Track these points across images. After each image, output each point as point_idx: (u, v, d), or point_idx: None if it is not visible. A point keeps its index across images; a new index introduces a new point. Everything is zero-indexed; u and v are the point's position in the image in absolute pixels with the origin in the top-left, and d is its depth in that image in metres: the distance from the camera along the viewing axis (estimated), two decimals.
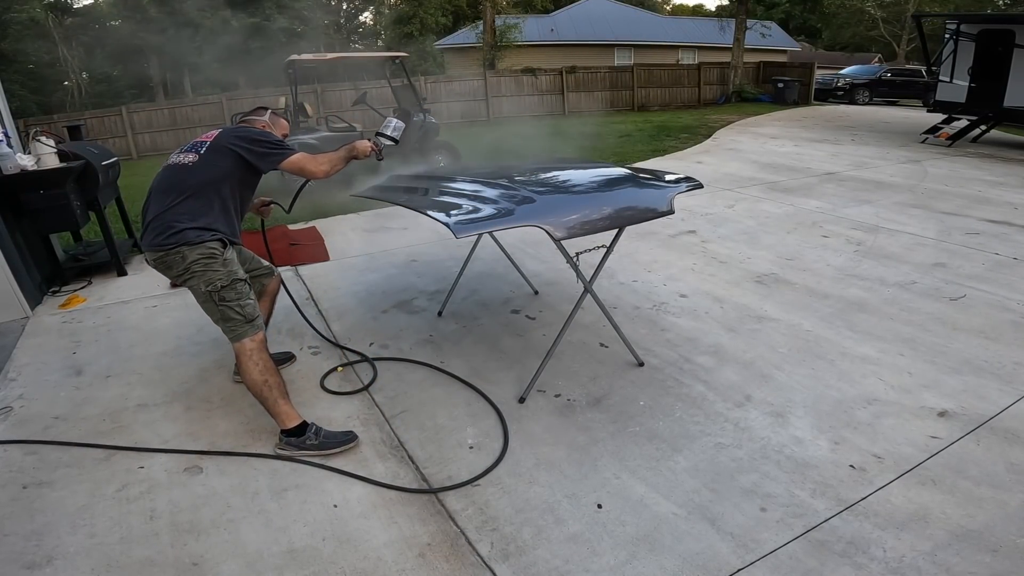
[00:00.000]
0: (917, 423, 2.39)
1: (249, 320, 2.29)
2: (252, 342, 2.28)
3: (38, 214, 4.00)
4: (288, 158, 2.36)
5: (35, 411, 2.69)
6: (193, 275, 2.24)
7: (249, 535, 1.93)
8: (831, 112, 15.37)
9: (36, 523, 2.00)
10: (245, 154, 2.31)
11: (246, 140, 2.34)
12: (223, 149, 2.31)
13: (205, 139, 2.37)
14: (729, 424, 2.42)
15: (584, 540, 1.86)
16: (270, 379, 2.28)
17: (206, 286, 2.24)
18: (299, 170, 2.37)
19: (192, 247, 2.22)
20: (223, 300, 2.26)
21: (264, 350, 2.31)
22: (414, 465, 2.25)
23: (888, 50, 32.65)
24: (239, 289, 2.30)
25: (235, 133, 2.37)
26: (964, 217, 5.31)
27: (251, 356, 2.27)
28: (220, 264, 2.27)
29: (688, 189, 2.93)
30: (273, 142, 2.39)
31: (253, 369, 2.27)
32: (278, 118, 2.70)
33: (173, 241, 2.21)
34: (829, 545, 1.80)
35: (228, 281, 2.27)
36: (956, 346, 3.00)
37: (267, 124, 2.61)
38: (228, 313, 2.27)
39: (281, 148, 2.39)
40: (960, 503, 1.96)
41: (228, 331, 2.30)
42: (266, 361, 2.30)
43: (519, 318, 3.49)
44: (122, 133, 13.96)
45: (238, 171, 2.34)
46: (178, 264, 2.24)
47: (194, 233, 2.23)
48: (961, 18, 10.15)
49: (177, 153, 2.37)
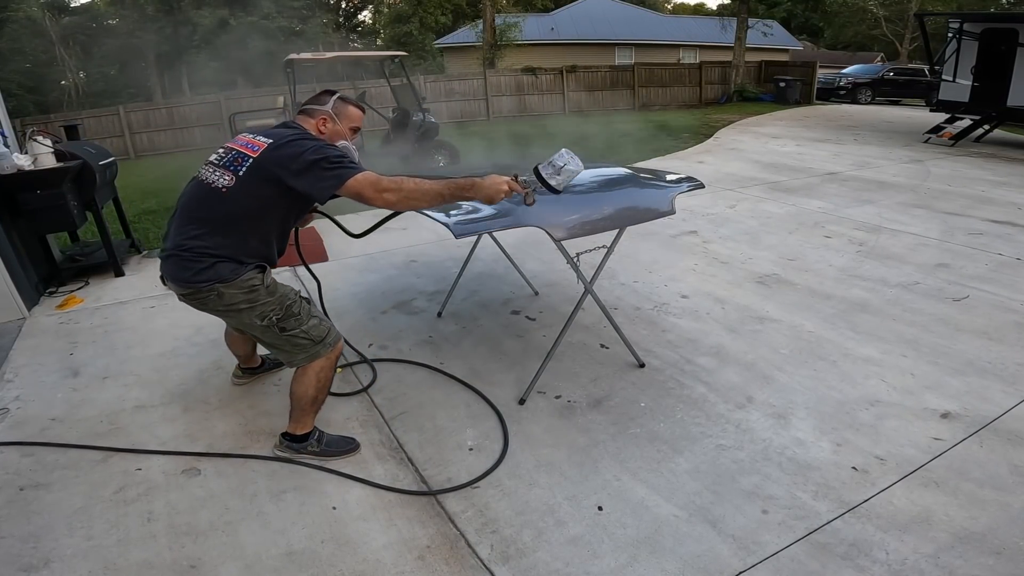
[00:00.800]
0: (920, 425, 2.39)
1: (318, 341, 2.08)
2: (326, 360, 2.11)
3: (35, 214, 4.00)
4: (346, 181, 1.84)
5: (32, 412, 2.69)
6: (240, 312, 2.01)
7: (247, 537, 1.93)
8: (833, 112, 15.38)
9: (33, 525, 2.00)
10: (290, 181, 1.88)
11: (291, 163, 1.88)
12: (266, 174, 1.91)
13: (248, 152, 1.94)
14: (730, 425, 2.42)
15: (585, 542, 1.86)
16: (320, 396, 2.18)
17: (261, 321, 2.02)
18: (356, 198, 1.87)
19: (227, 284, 1.94)
20: (284, 331, 2.04)
21: (334, 367, 2.15)
22: (413, 467, 2.25)
23: (891, 49, 32.67)
24: (295, 312, 2.06)
25: (281, 152, 1.91)
26: (967, 217, 5.31)
27: (317, 373, 2.10)
28: (265, 294, 2.01)
29: (689, 189, 2.93)
30: (323, 162, 1.87)
31: (312, 385, 2.12)
32: (346, 105, 2.17)
33: (204, 279, 1.93)
34: (831, 547, 1.80)
35: (282, 311, 2.03)
36: (959, 347, 3.00)
37: (328, 116, 2.11)
38: (295, 342, 2.06)
39: (335, 168, 1.87)
40: (963, 505, 1.96)
41: (297, 355, 2.08)
42: (328, 380, 2.16)
43: (519, 319, 3.50)
44: (119, 133, 13.98)
45: (285, 197, 1.94)
46: (214, 302, 1.98)
47: (228, 268, 1.93)
48: (964, 17, 10.16)
49: (213, 167, 1.99)
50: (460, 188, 1.90)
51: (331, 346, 2.12)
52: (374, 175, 1.86)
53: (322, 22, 29.87)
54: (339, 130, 2.14)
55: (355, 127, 2.20)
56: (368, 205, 1.90)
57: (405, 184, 1.87)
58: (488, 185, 1.91)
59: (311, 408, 2.21)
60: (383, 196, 1.85)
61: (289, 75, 7.74)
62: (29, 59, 23.22)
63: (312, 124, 2.10)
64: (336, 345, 2.15)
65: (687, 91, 18.59)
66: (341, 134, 2.15)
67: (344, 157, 1.93)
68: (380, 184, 1.85)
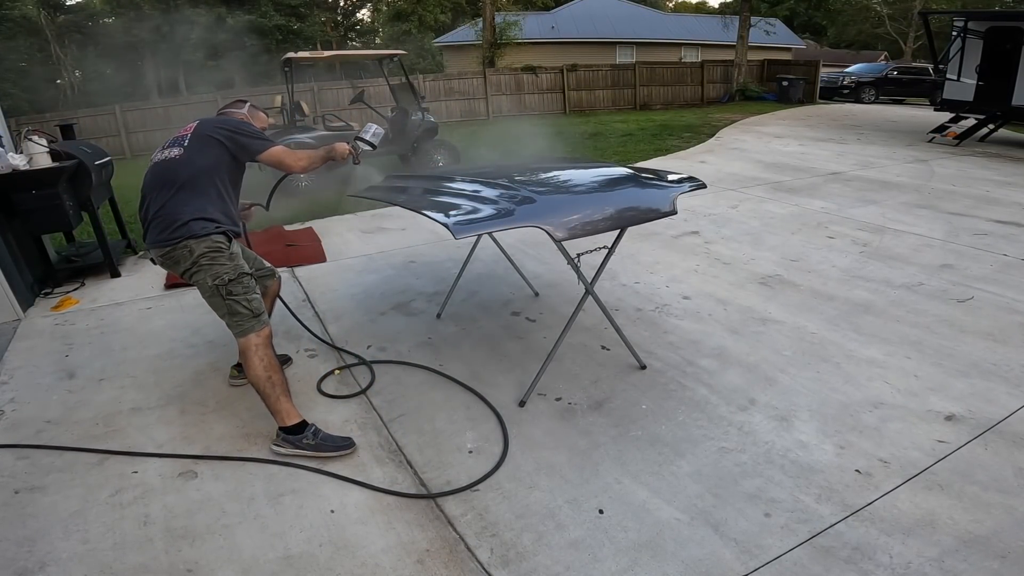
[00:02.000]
0: (924, 427, 2.39)
1: (256, 315, 2.33)
2: (258, 337, 2.31)
3: (30, 214, 4.01)
4: (268, 149, 2.40)
5: (27, 415, 2.70)
6: (200, 268, 2.28)
7: (245, 541, 1.93)
8: (836, 111, 15.39)
9: (28, 529, 2.00)
10: (227, 142, 2.36)
11: (227, 128, 2.38)
12: (206, 138, 2.35)
13: (185, 132, 2.40)
14: (733, 428, 2.42)
15: (585, 546, 1.86)
16: (273, 376, 2.31)
17: (213, 280, 2.28)
18: (277, 162, 2.41)
19: (198, 240, 2.26)
20: (230, 294, 2.29)
21: (269, 346, 2.35)
22: (412, 470, 2.25)
23: (894, 48, 32.72)
24: (245, 283, 2.34)
25: (215, 123, 2.41)
26: (972, 217, 5.32)
27: (256, 351, 2.30)
28: (226, 258, 2.31)
29: (691, 189, 2.94)
30: (253, 132, 2.44)
31: (258, 364, 2.29)
32: (256, 111, 2.74)
33: (178, 235, 2.24)
34: (834, 551, 1.80)
35: (235, 275, 2.31)
36: (964, 349, 3.00)
37: (246, 116, 2.64)
38: (235, 307, 2.30)
39: (261, 138, 2.44)
40: (968, 508, 1.96)
41: (234, 326, 2.32)
42: (271, 357, 2.33)
43: (519, 320, 3.50)
44: (115, 132, 14.00)
45: (225, 159, 2.38)
46: (186, 258, 2.27)
47: (199, 225, 2.26)
48: (969, 15, 10.17)
49: (160, 151, 2.40)
50: (327, 151, 2.55)
51: (263, 324, 2.36)
52: (285, 148, 2.47)
53: (320, 20, 29.90)
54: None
55: (263, 127, 2.71)
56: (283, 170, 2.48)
57: (302, 153, 2.50)
58: (337, 147, 2.58)
59: (275, 391, 2.31)
60: (297, 162, 2.44)
61: (287, 74, 7.75)
62: (24, 58, 23.24)
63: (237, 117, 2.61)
64: (266, 325, 2.38)
65: (689, 90, 18.61)
66: None
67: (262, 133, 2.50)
68: (293, 154, 2.46)
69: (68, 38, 25.32)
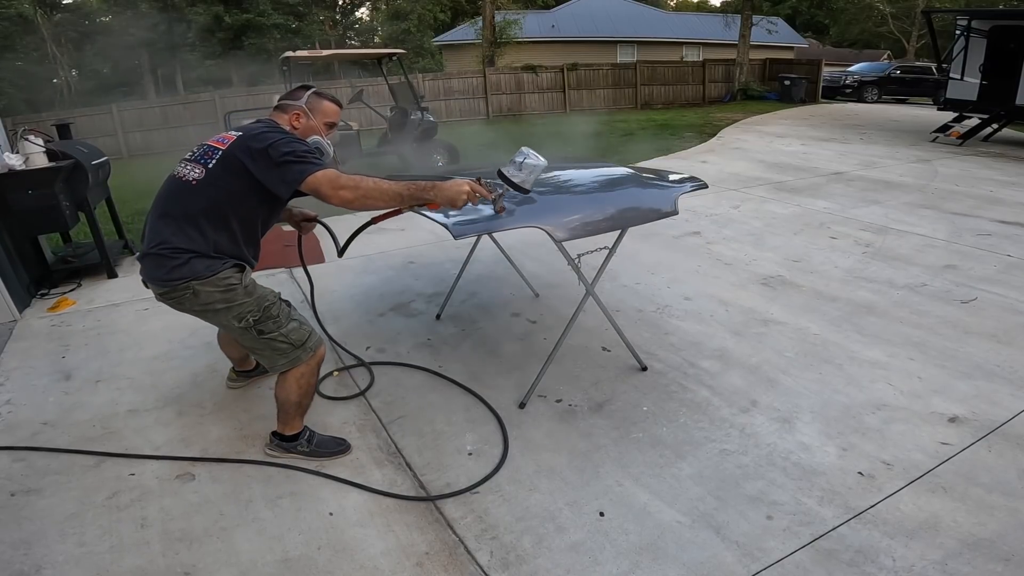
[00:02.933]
0: (927, 429, 2.39)
1: (298, 345, 2.08)
2: (307, 366, 2.11)
3: (26, 215, 4.01)
4: (308, 176, 1.83)
5: (23, 417, 2.70)
6: (218, 312, 2.01)
7: (242, 544, 1.93)
8: (839, 110, 15.40)
9: (24, 531, 2.00)
10: (256, 173, 1.89)
11: (258, 154, 1.88)
12: (234, 164, 1.92)
13: (218, 146, 1.98)
14: (734, 430, 2.42)
15: (586, 549, 1.87)
16: (304, 401, 2.19)
17: (239, 322, 2.02)
18: (314, 194, 1.86)
19: (202, 281, 1.94)
20: (262, 333, 2.04)
21: (316, 373, 2.16)
22: (412, 472, 2.25)
23: (897, 47, 32.75)
24: (275, 315, 2.06)
25: (249, 143, 1.92)
26: (975, 218, 5.32)
27: (299, 379, 2.11)
28: (243, 295, 2.01)
29: (693, 189, 2.94)
30: (290, 155, 1.86)
31: (294, 391, 2.14)
32: (320, 100, 2.15)
33: (178, 276, 1.93)
34: (837, 554, 1.81)
35: (260, 312, 2.03)
36: (967, 350, 3.00)
37: (301, 111, 2.11)
38: (274, 345, 2.06)
39: (299, 162, 1.86)
40: (971, 511, 1.96)
41: (278, 359, 2.08)
42: (311, 386, 2.17)
43: (519, 321, 3.50)
44: (112, 132, 14.00)
45: (255, 191, 1.93)
46: (190, 301, 1.98)
47: (203, 264, 1.94)
48: (972, 14, 10.17)
49: (185, 162, 2.02)
50: (421, 190, 1.87)
51: (312, 351, 2.12)
52: (334, 172, 1.85)
53: (319, 19, 29.92)
54: (312, 125, 2.13)
55: (330, 122, 2.19)
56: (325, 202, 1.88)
57: (363, 183, 1.86)
58: (449, 187, 1.87)
59: (296, 412, 2.24)
60: (339, 193, 1.83)
61: (285, 73, 7.76)
62: (20, 57, 23.27)
63: (285, 119, 2.10)
64: (317, 351, 2.14)
65: (690, 89, 18.64)
66: (314, 129, 2.13)
67: (311, 153, 1.93)
68: (338, 181, 1.83)
69: (65, 37, 25.35)
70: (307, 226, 2.57)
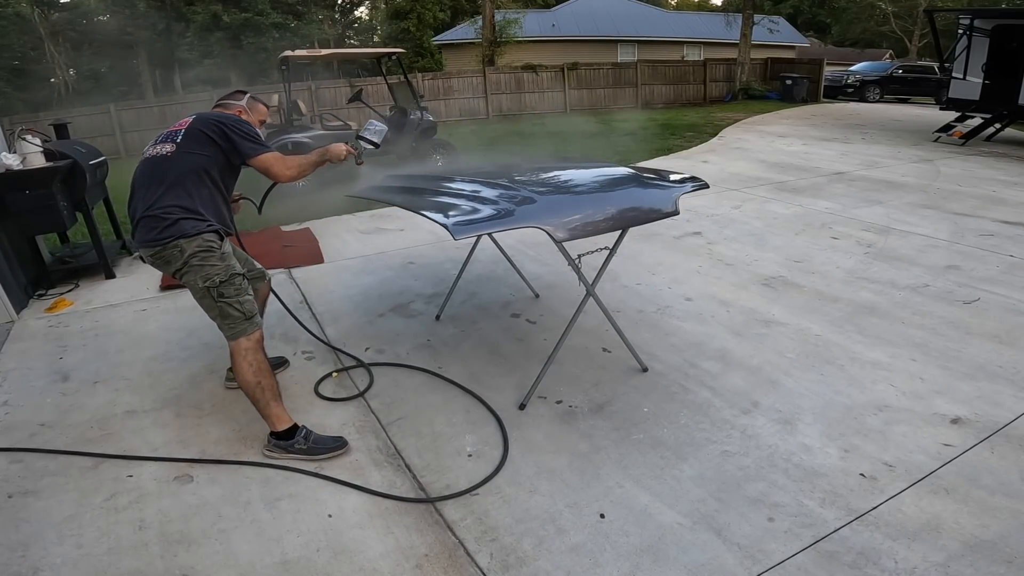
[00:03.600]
0: (929, 430, 2.39)
1: (248, 317, 2.29)
2: (248, 340, 2.28)
3: (24, 215, 4.01)
4: (259, 155, 2.32)
5: (20, 418, 2.70)
6: (190, 269, 2.23)
7: (241, 546, 1.93)
8: (841, 110, 15.41)
9: (22, 533, 2.00)
10: (220, 140, 2.29)
11: (221, 126, 2.30)
12: (199, 135, 2.28)
13: (179, 127, 2.33)
14: (736, 431, 2.42)
15: (586, 551, 1.87)
16: (263, 380, 2.29)
17: (204, 281, 2.23)
18: (265, 170, 2.34)
19: (189, 239, 2.20)
20: (221, 296, 2.25)
21: (260, 350, 2.32)
22: (411, 473, 2.25)
23: (900, 46, 32.77)
24: (237, 284, 2.29)
25: (210, 119, 2.33)
26: (978, 218, 5.32)
27: (246, 356, 2.27)
28: (218, 258, 2.26)
29: (694, 189, 2.94)
30: (247, 132, 2.35)
31: (247, 369, 2.27)
32: (256, 103, 2.67)
33: (168, 235, 2.19)
34: (839, 556, 1.81)
35: (227, 276, 2.26)
36: (970, 351, 3.00)
37: (243, 109, 2.57)
38: (227, 310, 2.27)
39: (254, 140, 2.35)
40: (974, 513, 1.96)
41: (225, 328, 2.29)
42: (261, 362, 2.30)
43: (519, 322, 3.50)
44: (110, 131, 14.01)
45: (218, 158, 2.32)
46: (176, 259, 2.22)
47: (189, 224, 2.21)
48: (975, 13, 10.18)
49: (152, 145, 2.34)
50: (320, 155, 2.45)
51: (256, 326, 2.33)
52: (279, 154, 2.38)
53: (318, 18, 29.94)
54: (251, 120, 2.58)
55: (262, 120, 2.67)
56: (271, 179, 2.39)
57: (296, 160, 2.40)
58: (333, 148, 2.48)
59: (265, 396, 2.29)
60: (287, 171, 2.35)
61: (284, 72, 7.76)
62: (17, 56, 23.26)
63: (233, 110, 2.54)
64: (259, 328, 2.36)
65: (691, 89, 18.63)
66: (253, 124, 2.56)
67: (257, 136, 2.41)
68: (284, 161, 2.36)
69: (62, 36, 25.35)
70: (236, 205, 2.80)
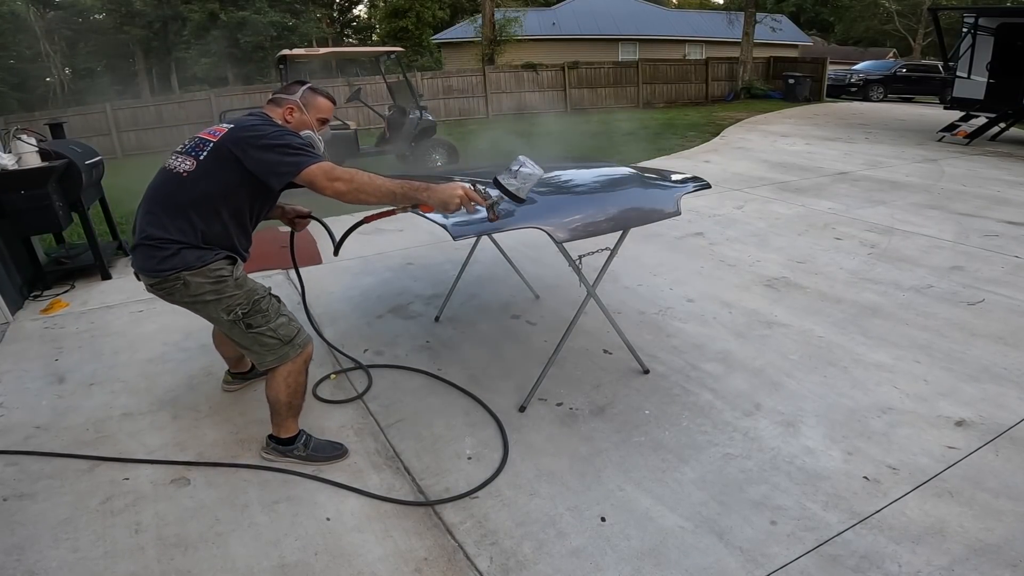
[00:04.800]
0: (934, 433, 2.40)
1: (287, 341, 2.11)
2: (294, 364, 2.14)
3: (19, 215, 4.01)
4: (303, 169, 1.85)
5: (15, 420, 2.70)
6: (207, 304, 2.03)
7: (238, 549, 1.93)
8: (844, 109, 15.42)
9: (17, 537, 2.00)
10: (248, 164, 1.92)
11: (250, 146, 1.91)
12: (225, 155, 1.95)
13: (210, 138, 2.01)
14: (738, 434, 2.43)
15: (587, 555, 1.87)
16: (295, 401, 2.21)
17: (227, 315, 2.05)
18: (309, 185, 1.88)
19: (194, 271, 1.97)
20: (251, 328, 2.06)
21: (304, 372, 2.18)
22: (410, 476, 2.26)
23: (903, 45, 32.80)
24: (264, 309, 2.08)
25: (239, 135, 1.96)
26: (982, 218, 5.33)
27: (287, 377, 2.13)
28: (233, 287, 2.04)
29: (695, 189, 2.95)
30: (284, 148, 1.89)
31: (283, 389, 2.16)
32: (315, 96, 2.19)
33: (170, 267, 1.96)
34: (842, 560, 1.81)
35: (249, 305, 2.05)
36: (974, 353, 3.01)
37: (295, 106, 2.14)
38: (262, 340, 2.08)
39: (294, 155, 1.88)
40: (978, 516, 1.96)
41: (266, 355, 2.10)
42: (300, 384, 2.18)
43: (519, 323, 3.51)
44: (106, 131, 14.01)
45: (246, 183, 1.97)
46: (180, 292, 2.01)
47: (193, 255, 1.97)
48: (979, 11, 10.19)
49: (177, 154, 2.05)
50: (414, 190, 1.88)
51: (300, 348, 2.15)
52: (329, 164, 1.88)
53: (316, 17, 29.97)
54: (305, 120, 2.17)
55: (323, 118, 2.22)
56: (318, 194, 1.90)
57: (358, 176, 1.88)
58: (443, 190, 1.87)
59: (288, 413, 2.24)
60: (333, 185, 1.85)
61: (282, 71, 7.77)
62: (13, 55, 23.30)
63: (279, 113, 2.14)
64: (305, 348, 2.17)
65: (693, 88, 18.65)
66: (307, 124, 2.17)
67: (306, 146, 1.95)
68: (333, 173, 1.86)
69: (58, 35, 25.38)
70: (300, 223, 2.58)
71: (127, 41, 24.61)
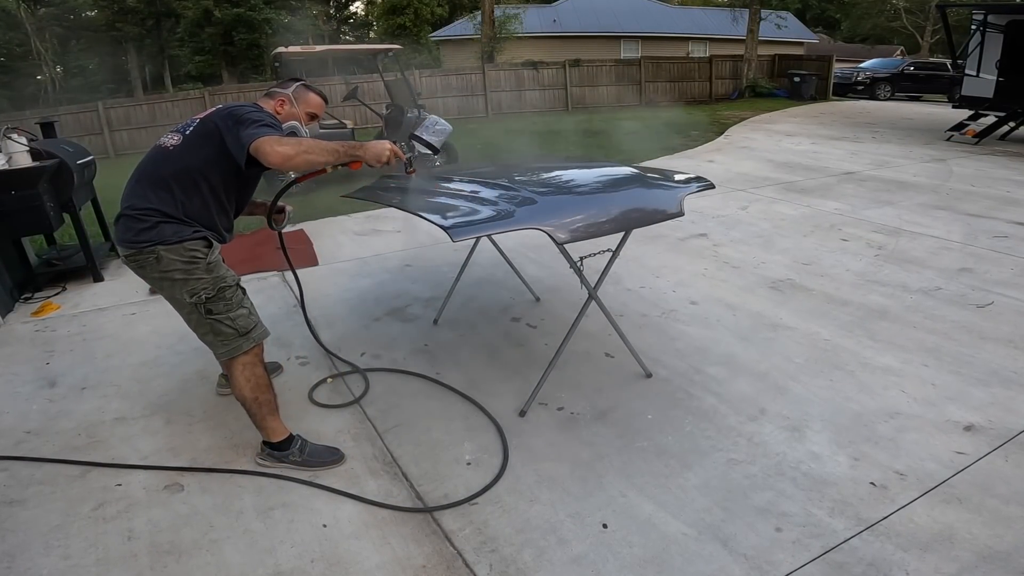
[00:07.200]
0: (942, 438, 2.40)
1: (242, 333, 2.16)
2: (246, 356, 2.18)
3: (9, 216, 4.02)
4: (254, 140, 1.92)
5: (6, 425, 2.70)
6: (173, 282, 2.08)
7: (233, 557, 1.93)
8: (850, 108, 15.45)
9: (7, 544, 2.00)
10: (225, 136, 2.04)
11: (229, 119, 2.04)
12: (210, 129, 2.08)
13: (197, 117, 2.16)
14: (742, 439, 2.43)
15: (588, 562, 1.87)
16: (260, 396, 2.23)
17: (190, 297, 2.09)
18: (257, 152, 1.92)
19: (169, 247, 2.04)
20: (210, 312, 2.11)
21: (259, 364, 2.23)
22: (408, 482, 2.26)
23: (911, 42, 32.85)
24: (228, 298, 2.14)
25: (225, 109, 2.10)
26: (991, 219, 5.33)
27: (243, 370, 2.19)
28: (203, 270, 2.09)
29: (699, 190, 2.95)
30: (249, 117, 2.00)
31: (244, 385, 2.20)
32: (307, 92, 2.33)
33: (146, 239, 2.03)
34: (848, 567, 1.81)
35: (214, 291, 2.11)
36: (983, 356, 3.01)
37: (285, 99, 2.28)
38: (217, 327, 2.13)
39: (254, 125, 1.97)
40: (987, 522, 1.97)
41: (218, 345, 2.16)
42: (259, 376, 2.22)
43: (519, 326, 3.51)
44: (98, 130, 14.03)
45: (222, 159, 2.06)
46: (152, 266, 2.06)
47: (171, 229, 2.04)
48: (988, 8, 10.20)
49: (168, 132, 2.18)
50: (352, 147, 2.06)
51: (253, 341, 2.20)
52: (279, 136, 1.97)
53: (312, 14, 30.03)
54: (294, 112, 2.32)
55: (312, 113, 2.37)
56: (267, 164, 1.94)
57: (304, 140, 2.02)
58: (374, 146, 2.09)
59: (261, 411, 2.25)
60: (279, 149, 1.91)
61: (277, 69, 7.80)
62: (3, 52, 23.33)
63: (271, 105, 2.28)
64: (260, 342, 2.23)
65: (696, 86, 18.67)
66: (295, 116, 2.32)
67: (275, 126, 2.05)
68: (281, 140, 1.94)
69: (49, 32, 25.41)
70: (279, 218, 2.60)
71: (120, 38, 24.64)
